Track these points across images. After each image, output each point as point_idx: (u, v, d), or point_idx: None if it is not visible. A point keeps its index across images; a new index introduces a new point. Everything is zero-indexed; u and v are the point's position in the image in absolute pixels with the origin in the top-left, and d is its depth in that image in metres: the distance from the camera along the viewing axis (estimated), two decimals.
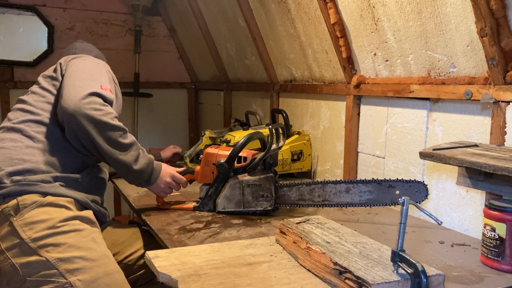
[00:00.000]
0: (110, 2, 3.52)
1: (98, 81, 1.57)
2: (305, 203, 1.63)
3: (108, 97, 1.54)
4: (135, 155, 1.55)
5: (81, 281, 1.31)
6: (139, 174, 1.58)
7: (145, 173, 1.59)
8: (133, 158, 1.54)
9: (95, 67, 1.67)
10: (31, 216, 1.38)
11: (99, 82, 1.56)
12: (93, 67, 1.67)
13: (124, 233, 1.83)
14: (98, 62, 1.72)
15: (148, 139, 3.78)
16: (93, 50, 1.96)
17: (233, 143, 2.11)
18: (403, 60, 1.72)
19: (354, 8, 1.82)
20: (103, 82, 1.58)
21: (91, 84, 1.53)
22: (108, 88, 1.57)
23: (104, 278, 1.35)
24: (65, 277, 1.31)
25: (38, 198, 1.42)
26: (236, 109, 3.28)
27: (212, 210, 1.68)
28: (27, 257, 1.32)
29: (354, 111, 2.02)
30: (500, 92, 1.36)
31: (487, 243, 1.20)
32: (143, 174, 1.59)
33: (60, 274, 1.31)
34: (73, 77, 1.57)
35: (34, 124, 1.57)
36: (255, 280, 1.03)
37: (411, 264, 0.92)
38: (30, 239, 1.34)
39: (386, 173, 1.88)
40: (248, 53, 2.86)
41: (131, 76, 3.58)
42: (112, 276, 1.37)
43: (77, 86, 1.51)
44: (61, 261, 1.32)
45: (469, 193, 1.52)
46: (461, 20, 1.43)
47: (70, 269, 1.32)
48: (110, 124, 1.48)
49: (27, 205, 1.40)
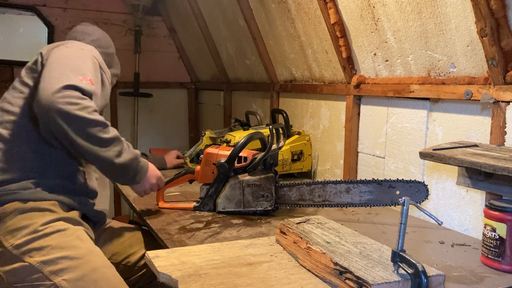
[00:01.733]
0: (110, 2, 3.52)
1: (77, 71, 1.46)
2: (305, 203, 1.63)
3: (86, 89, 1.42)
4: (118, 150, 1.44)
5: (66, 281, 1.31)
6: (122, 169, 1.47)
7: (130, 170, 1.49)
8: (114, 153, 1.43)
9: (77, 54, 1.55)
10: (13, 224, 1.38)
11: (78, 72, 1.45)
12: (76, 54, 1.55)
13: (124, 234, 1.83)
14: (83, 48, 1.60)
15: (148, 139, 3.78)
16: (93, 33, 1.85)
17: (233, 143, 2.11)
18: (403, 60, 1.72)
19: (354, 8, 1.82)
20: (84, 72, 1.47)
21: (69, 75, 1.42)
22: (88, 78, 1.46)
23: (91, 274, 1.34)
24: (50, 279, 1.31)
25: (19, 205, 1.41)
26: (236, 109, 3.28)
27: (212, 210, 1.68)
28: (12, 264, 1.33)
29: (354, 111, 2.02)
30: (500, 92, 1.36)
31: (488, 243, 1.20)
32: (127, 171, 1.49)
33: (45, 277, 1.31)
34: (51, 67, 1.46)
35: (11, 125, 1.50)
36: (255, 280, 1.03)
37: (412, 264, 0.92)
38: (13, 246, 1.34)
39: (386, 173, 1.88)
40: (248, 53, 2.86)
41: (131, 76, 3.58)
42: (100, 271, 1.36)
43: (53, 77, 1.41)
44: (45, 264, 1.32)
45: (469, 193, 1.52)
46: (461, 20, 1.43)
47: (55, 270, 1.32)
48: (87, 119, 1.38)
49: (8, 213, 1.39)
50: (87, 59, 1.55)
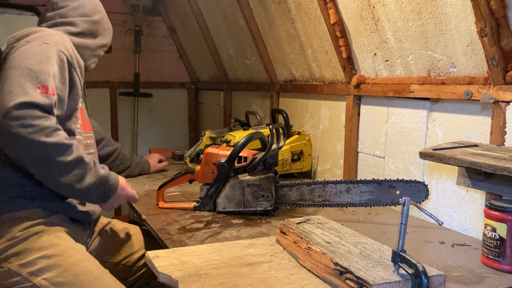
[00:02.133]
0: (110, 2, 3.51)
1: (36, 79, 1.30)
2: (305, 203, 1.63)
3: (45, 104, 1.27)
4: (79, 173, 1.33)
5: (46, 279, 1.30)
6: (84, 194, 1.38)
7: (92, 194, 1.40)
8: (75, 178, 1.33)
9: (39, 52, 1.37)
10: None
11: (37, 80, 1.30)
12: (37, 53, 1.36)
13: (124, 234, 1.83)
14: (47, 42, 1.41)
15: (148, 139, 3.78)
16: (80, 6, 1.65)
17: (233, 143, 2.11)
18: (403, 60, 1.72)
19: (354, 8, 1.82)
20: (44, 78, 1.31)
21: (25, 87, 1.26)
22: (48, 86, 1.30)
23: (71, 268, 1.33)
24: (29, 280, 1.30)
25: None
26: (236, 109, 3.28)
27: (212, 210, 1.68)
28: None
29: (354, 111, 2.02)
30: (500, 92, 1.36)
31: (488, 244, 1.20)
32: (90, 195, 1.40)
33: (24, 279, 1.30)
34: (6, 75, 1.30)
35: None
36: (255, 280, 1.03)
37: (412, 265, 0.92)
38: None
39: (386, 173, 1.88)
40: (248, 53, 2.86)
41: (131, 76, 3.58)
42: (80, 265, 1.35)
43: (6, 92, 1.25)
44: (23, 266, 1.31)
45: (469, 193, 1.52)
46: (461, 20, 1.43)
47: (33, 270, 1.31)
48: (44, 144, 1.24)
49: None
50: (50, 57, 1.38)
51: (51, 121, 1.29)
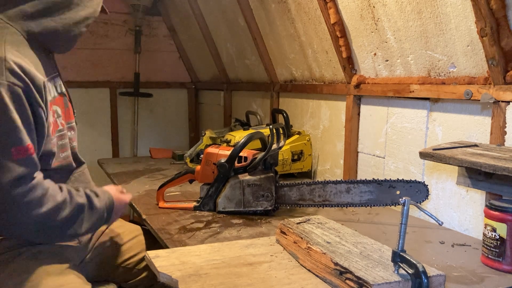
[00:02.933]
0: (110, 2, 3.51)
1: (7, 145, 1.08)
2: (305, 203, 1.63)
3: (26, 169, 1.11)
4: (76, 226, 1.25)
5: None
6: (87, 233, 1.35)
7: (97, 226, 1.37)
8: (74, 232, 1.25)
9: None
10: None
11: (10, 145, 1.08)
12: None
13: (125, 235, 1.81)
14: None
15: (148, 139, 3.78)
16: None
17: (233, 143, 2.11)
18: (403, 60, 1.72)
19: (354, 8, 1.82)
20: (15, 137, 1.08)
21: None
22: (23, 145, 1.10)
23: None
24: None
25: None
26: (236, 109, 3.28)
27: (212, 209, 1.68)
28: None
29: (354, 111, 2.02)
30: (500, 92, 1.36)
31: (488, 244, 1.20)
32: (94, 229, 1.38)
33: None
34: None
35: None
36: (255, 280, 1.03)
37: (412, 265, 0.92)
38: None
39: (386, 173, 1.88)
40: (248, 53, 2.86)
41: (131, 76, 3.58)
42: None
43: None
44: None
45: (469, 193, 1.52)
46: (461, 20, 1.43)
47: None
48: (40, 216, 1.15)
49: None
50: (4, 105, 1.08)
51: (37, 182, 1.15)
